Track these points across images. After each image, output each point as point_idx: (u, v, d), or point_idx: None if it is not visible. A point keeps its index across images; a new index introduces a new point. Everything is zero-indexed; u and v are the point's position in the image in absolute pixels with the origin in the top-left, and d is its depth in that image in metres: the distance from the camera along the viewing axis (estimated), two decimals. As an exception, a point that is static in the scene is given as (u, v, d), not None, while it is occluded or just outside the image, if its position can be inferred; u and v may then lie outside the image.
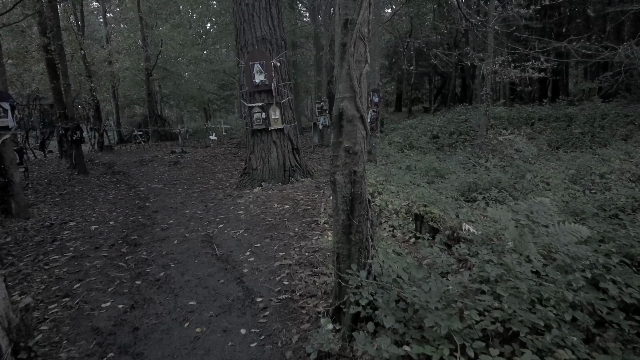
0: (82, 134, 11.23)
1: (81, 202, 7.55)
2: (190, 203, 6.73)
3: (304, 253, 4.06)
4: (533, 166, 6.96)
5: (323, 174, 8.42)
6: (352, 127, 2.35)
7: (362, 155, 2.40)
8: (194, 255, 4.35)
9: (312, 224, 4.99)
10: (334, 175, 2.43)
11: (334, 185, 2.45)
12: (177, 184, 8.70)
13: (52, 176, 11.11)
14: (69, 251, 4.75)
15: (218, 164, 11.80)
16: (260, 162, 7.04)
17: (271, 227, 4.98)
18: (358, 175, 2.40)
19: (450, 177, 6.73)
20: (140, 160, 13.61)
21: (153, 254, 4.47)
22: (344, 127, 2.35)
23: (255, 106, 6.92)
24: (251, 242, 4.53)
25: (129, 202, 7.30)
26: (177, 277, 3.81)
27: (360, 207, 2.46)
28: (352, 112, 2.33)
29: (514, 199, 5.45)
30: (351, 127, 2.35)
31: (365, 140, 2.41)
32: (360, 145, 2.38)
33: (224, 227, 5.21)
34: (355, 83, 2.29)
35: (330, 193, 6.02)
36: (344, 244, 2.52)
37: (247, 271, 3.78)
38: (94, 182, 9.76)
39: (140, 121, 23.90)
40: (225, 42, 22.46)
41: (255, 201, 6.17)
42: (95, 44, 23.46)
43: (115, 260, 4.38)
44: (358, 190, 2.42)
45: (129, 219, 6.09)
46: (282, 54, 6.91)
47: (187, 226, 5.44)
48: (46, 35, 10.92)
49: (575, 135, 10.38)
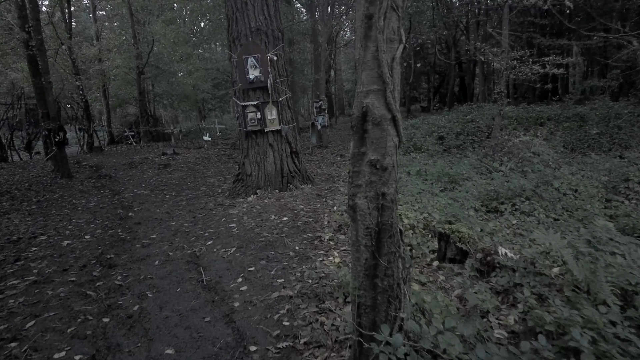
0: (65, 135, 10.49)
1: (58, 210, 6.85)
2: (177, 213, 6.05)
3: (307, 280, 3.40)
4: (557, 171, 6.32)
5: (324, 179, 7.76)
6: (381, 132, 1.69)
7: (394, 172, 1.74)
8: (176, 281, 3.67)
9: (315, 241, 4.33)
10: (354, 199, 1.77)
11: (354, 212, 1.79)
12: (165, 190, 8.00)
13: (33, 180, 10.38)
14: (32, 274, 4.06)
15: (211, 166, 11.11)
16: (255, 167, 6.36)
17: (267, 244, 4.31)
18: (388, 198, 1.74)
19: (466, 183, 6.09)
20: (129, 163, 12.89)
21: (129, 279, 3.80)
22: (368, 133, 1.70)
23: (249, 105, 6.24)
24: (244, 265, 3.86)
25: (111, 211, 6.61)
26: (154, 312, 3.13)
27: (391, 242, 1.80)
28: (381, 111, 1.67)
29: (545, 210, 4.82)
30: (379, 133, 1.69)
31: (397, 150, 1.75)
32: (391, 158, 1.72)
33: (213, 244, 4.53)
34: (385, 70, 1.63)
35: (335, 204, 5.33)
36: (367, 290, 1.86)
37: (239, 305, 3.11)
38: (76, 187, 9.04)
39: (132, 121, 23.15)
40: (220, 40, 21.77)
41: (249, 212, 5.50)
42: (85, 41, 22.71)
43: (84, 286, 3.70)
44: (388, 220, 1.76)
45: (108, 232, 5.40)
46: (279, 46, 6.23)
47: (171, 242, 4.76)
48: (25, 29, 10.16)
49: (590, 136, 9.77)
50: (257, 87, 6.18)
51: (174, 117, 30.18)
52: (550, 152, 7.31)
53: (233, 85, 6.60)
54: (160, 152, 14.91)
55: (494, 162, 7.53)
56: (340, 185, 6.94)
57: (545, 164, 6.80)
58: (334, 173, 8.60)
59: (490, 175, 6.71)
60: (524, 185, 5.41)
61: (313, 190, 6.28)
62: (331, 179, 7.84)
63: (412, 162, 8.23)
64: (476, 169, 7.21)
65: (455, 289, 3.17)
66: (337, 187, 6.66)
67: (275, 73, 6.20)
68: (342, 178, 7.91)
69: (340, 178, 7.94)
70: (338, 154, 12.01)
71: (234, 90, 6.57)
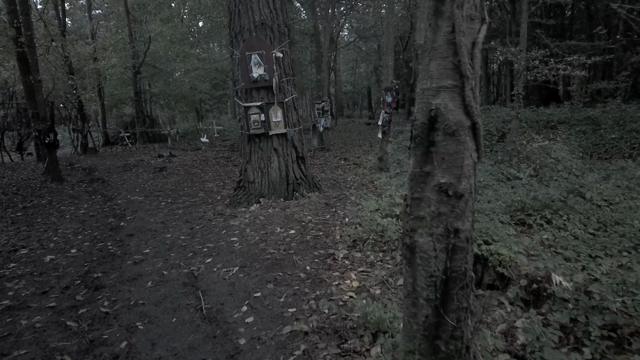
0: (55, 136, 9.96)
1: (45, 218, 6.34)
2: (173, 224, 5.55)
3: (323, 310, 2.92)
4: (582, 179, 5.87)
5: (330, 185, 7.28)
6: (456, 145, 1.22)
7: (471, 200, 1.27)
8: (171, 308, 3.19)
9: (328, 259, 3.85)
10: (414, 236, 1.30)
11: (412, 253, 1.32)
12: (160, 196, 7.50)
13: (22, 183, 9.86)
14: (6, 297, 3.56)
15: (209, 170, 10.61)
16: (259, 173, 5.87)
17: (274, 263, 3.83)
18: (462, 237, 1.27)
19: (486, 192, 5.62)
20: (124, 165, 12.38)
21: (117, 305, 3.31)
22: (437, 146, 1.22)
23: (252, 106, 5.76)
24: (249, 289, 3.38)
25: (101, 220, 6.10)
26: (144, 350, 2.65)
27: (462, 294, 1.32)
28: (457, 116, 1.20)
29: (579, 224, 4.35)
30: (453, 146, 1.22)
31: (475, 169, 1.28)
32: (468, 181, 1.25)
33: (212, 261, 4.04)
34: (465, 59, 1.16)
35: (347, 215, 4.80)
36: (426, 355, 1.38)
37: (245, 343, 2.63)
38: (66, 192, 8.52)
39: (128, 122, 22.59)
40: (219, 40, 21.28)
41: (252, 223, 5.01)
42: (80, 39, 22.17)
43: (65, 315, 3.20)
44: (460, 265, 1.29)
45: (96, 245, 4.90)
46: (285, 42, 5.75)
47: (166, 258, 4.27)
48: (14, 25, 9.66)
49: (607, 140, 9.35)
50: (261, 86, 5.69)
51: (171, 118, 29.61)
52: (572, 158, 6.86)
53: (235, 84, 6.11)
54: (157, 154, 14.40)
55: (511, 168, 7.08)
56: (349, 192, 6.46)
57: (568, 170, 6.35)
58: (340, 178, 8.12)
59: (510, 182, 6.25)
60: (552, 194, 4.95)
61: (321, 198, 5.81)
62: (338, 185, 7.36)
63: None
64: (493, 175, 6.75)
65: (499, 323, 2.71)
66: (347, 195, 6.19)
67: (281, 71, 5.71)
68: (349, 184, 7.44)
69: (347, 184, 7.47)
70: (341, 157, 11.53)
71: (235, 90, 6.09)
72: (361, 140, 15.75)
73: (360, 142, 15.06)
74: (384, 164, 8.40)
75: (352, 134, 18.34)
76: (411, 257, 1.33)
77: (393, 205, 4.64)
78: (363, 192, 6.40)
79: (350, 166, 9.87)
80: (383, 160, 8.47)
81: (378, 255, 3.81)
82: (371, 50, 29.26)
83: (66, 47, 15.03)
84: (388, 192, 5.69)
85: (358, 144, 14.64)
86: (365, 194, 6.09)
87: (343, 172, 9.05)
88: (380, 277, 3.34)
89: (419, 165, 1.27)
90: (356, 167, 9.60)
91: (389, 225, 4.02)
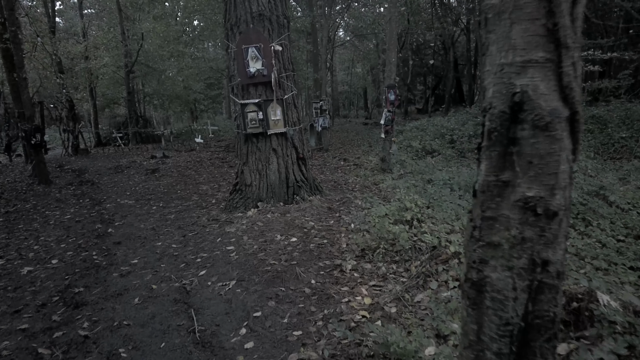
0: (42, 137, 9.53)
1: (27, 224, 5.93)
2: (164, 230, 5.16)
3: (334, 334, 2.55)
4: (598, 180, 5.55)
5: (331, 187, 6.92)
6: (549, 143, 0.85)
7: (566, 220, 0.91)
8: (160, 330, 2.81)
9: (335, 271, 3.49)
10: (483, 269, 0.94)
11: (478, 292, 0.96)
12: (151, 200, 7.10)
13: (8, 186, 9.42)
14: (-26, 317, 3.17)
15: (203, 171, 10.21)
16: (257, 175, 5.49)
17: (275, 276, 3.45)
18: (551, 270, 0.91)
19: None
20: (115, 167, 11.94)
21: (98, 327, 2.92)
22: (522, 144, 0.86)
23: (249, 103, 5.38)
24: (247, 307, 3.00)
25: (88, 226, 5.70)
26: (126, 384, 2.27)
27: (547, 347, 0.96)
28: (552, 102, 0.84)
29: (604, 230, 4.02)
30: (545, 145, 0.85)
31: (572, 177, 0.92)
32: (563, 194, 0.88)
33: (206, 273, 3.66)
34: (565, 20, 0.80)
35: (352, 221, 4.38)
36: None
37: (245, 376, 2.26)
38: (53, 196, 8.09)
39: (121, 122, 22.10)
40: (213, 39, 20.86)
41: (250, 230, 4.63)
42: (72, 38, 21.65)
43: (38, 338, 2.81)
44: (547, 309, 0.93)
45: (80, 255, 4.50)
46: (285, 35, 5.38)
47: (155, 270, 3.88)
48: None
49: (615, 139, 9.06)
50: (259, 82, 5.31)
51: (166, 118, 29.10)
52: (585, 158, 6.55)
53: (230, 80, 5.73)
54: (149, 155, 13.96)
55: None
56: (352, 195, 6.10)
57: (582, 171, 6.04)
58: (341, 180, 7.76)
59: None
60: (572, 197, 4.63)
61: (323, 202, 5.44)
62: (339, 187, 7.00)
63: (429, 168, 7.43)
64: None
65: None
66: (350, 199, 5.82)
67: (280, 66, 5.34)
68: (350, 186, 7.08)
69: (349, 186, 7.11)
70: (341, 158, 11.19)
71: (231, 87, 5.70)
72: (359, 140, 15.42)
73: (358, 142, 14.73)
74: (387, 164, 8.05)
75: (349, 134, 18.01)
76: (478, 297, 0.97)
77: (403, 210, 4.28)
78: (367, 195, 6.04)
79: (350, 167, 9.52)
80: (385, 161, 8.12)
81: (390, 266, 3.45)
82: (367, 49, 28.93)
83: (55, 44, 14.55)
84: (396, 195, 5.34)
85: (357, 144, 14.30)
86: (371, 197, 5.73)
87: (343, 173, 8.69)
88: (395, 292, 2.98)
89: (493, 172, 0.91)
90: (357, 168, 9.25)
91: (401, 233, 3.66)
